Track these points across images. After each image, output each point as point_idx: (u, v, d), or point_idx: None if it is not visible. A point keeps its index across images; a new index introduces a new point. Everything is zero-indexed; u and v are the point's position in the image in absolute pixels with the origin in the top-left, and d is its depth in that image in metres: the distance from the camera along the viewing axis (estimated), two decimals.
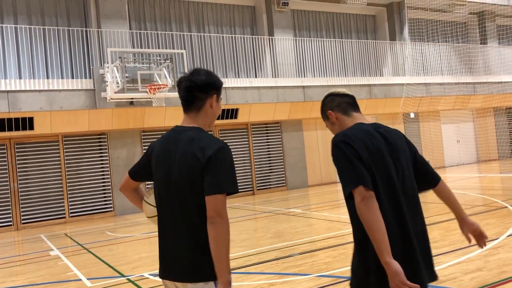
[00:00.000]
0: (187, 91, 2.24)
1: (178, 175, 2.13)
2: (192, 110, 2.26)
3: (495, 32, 21.64)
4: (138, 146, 13.78)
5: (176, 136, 2.22)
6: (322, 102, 2.52)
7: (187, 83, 2.23)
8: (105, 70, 12.24)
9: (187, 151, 2.12)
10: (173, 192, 2.15)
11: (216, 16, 16.01)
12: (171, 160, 2.18)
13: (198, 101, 2.24)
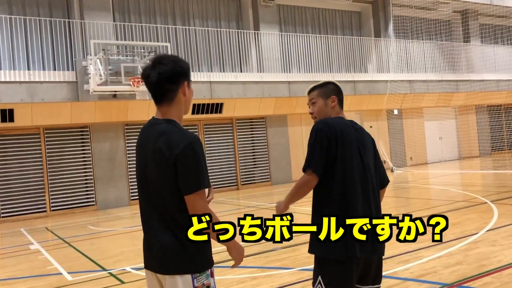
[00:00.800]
0: (156, 85, 2.15)
1: (152, 172, 2.13)
2: (164, 102, 2.19)
3: (478, 30, 21.93)
4: (121, 140, 13.63)
5: (150, 129, 2.20)
6: (330, 83, 2.83)
7: (154, 77, 2.14)
8: (88, 62, 12.07)
9: (156, 147, 2.10)
10: (151, 187, 2.15)
11: (201, 9, 15.89)
12: (146, 155, 2.17)
13: (169, 93, 2.18)
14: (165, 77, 2.14)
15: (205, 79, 14.06)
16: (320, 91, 2.79)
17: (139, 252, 6.81)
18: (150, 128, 2.20)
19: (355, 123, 2.72)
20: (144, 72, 2.19)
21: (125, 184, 13.62)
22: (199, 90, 13.90)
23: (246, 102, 14.88)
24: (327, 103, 2.75)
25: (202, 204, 2.06)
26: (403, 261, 5.11)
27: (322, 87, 2.78)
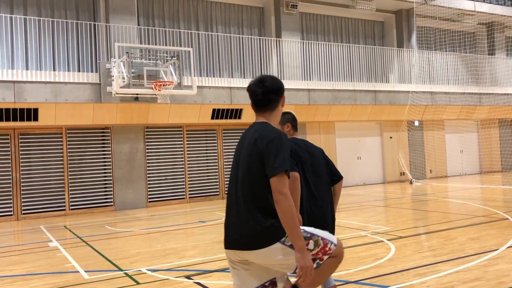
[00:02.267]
0: (263, 96, 2.70)
1: (244, 159, 2.59)
2: (266, 111, 2.74)
3: (504, 43, 21.58)
4: (141, 142, 13.80)
5: (249, 129, 2.73)
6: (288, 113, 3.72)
7: (263, 88, 2.69)
8: (111, 64, 12.27)
9: (251, 139, 2.59)
10: (241, 174, 2.58)
11: (224, 15, 16.03)
12: (242, 147, 2.68)
13: (273, 103, 2.73)
14: (271, 89, 2.69)
15: (225, 85, 14.15)
16: (280, 119, 3.25)
17: (154, 254, 6.90)
18: (249, 129, 2.72)
19: (306, 142, 3.58)
20: (250, 87, 2.74)
21: (143, 186, 13.77)
22: (219, 95, 14.00)
23: None
24: (283, 128, 3.68)
25: (281, 187, 2.40)
26: (419, 274, 5.04)
27: (282, 116, 3.22)
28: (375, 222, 8.86)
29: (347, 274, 5.21)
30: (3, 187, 12.24)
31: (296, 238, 2.39)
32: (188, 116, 13.89)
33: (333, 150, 17.09)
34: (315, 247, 2.62)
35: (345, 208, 11.66)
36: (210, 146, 15.04)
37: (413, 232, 7.70)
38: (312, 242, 2.61)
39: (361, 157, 17.91)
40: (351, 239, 7.32)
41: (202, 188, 14.84)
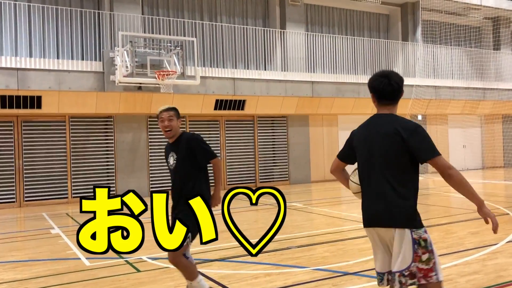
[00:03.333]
0: (393, 91, 2.89)
1: (381, 149, 2.79)
2: (391, 104, 2.91)
3: (509, 38, 21.43)
4: (144, 131, 13.82)
5: (376, 121, 2.90)
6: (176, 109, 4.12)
7: (395, 85, 2.88)
8: (115, 53, 12.27)
9: (389, 130, 2.78)
10: (376, 161, 2.82)
11: (228, 6, 15.96)
12: (373, 139, 2.85)
13: (397, 98, 2.92)
14: (400, 86, 2.89)
15: (229, 76, 14.13)
16: (176, 113, 4.04)
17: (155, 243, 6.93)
18: (377, 120, 2.90)
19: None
20: (376, 82, 2.91)
21: (145, 175, 13.81)
22: (222, 86, 13.98)
23: (268, 100, 14.90)
24: (179, 123, 4.12)
25: (446, 163, 2.70)
26: None
27: (177, 110, 4.04)
28: None
29: (346, 265, 5.24)
30: (6, 174, 12.30)
31: (474, 198, 2.71)
32: (191, 106, 13.89)
33: (335, 143, 17.08)
34: (424, 264, 2.68)
35: (346, 200, 11.69)
36: (212, 136, 15.06)
37: None
38: (427, 256, 2.69)
39: None
40: (351, 231, 7.35)
41: None
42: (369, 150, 2.88)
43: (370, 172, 2.86)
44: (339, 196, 12.63)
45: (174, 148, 4.10)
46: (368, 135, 2.90)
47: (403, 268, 2.68)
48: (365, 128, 2.96)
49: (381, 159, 2.80)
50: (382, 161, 2.80)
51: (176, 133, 4.08)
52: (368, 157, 2.87)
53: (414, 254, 2.67)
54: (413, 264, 2.67)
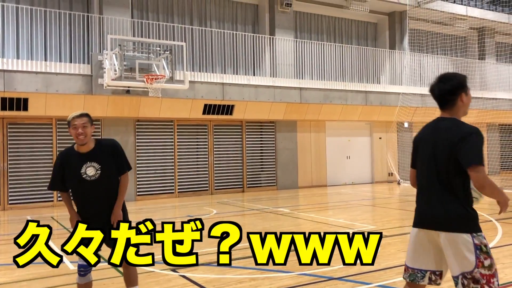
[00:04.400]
0: (440, 96, 2.94)
1: (440, 152, 2.84)
2: (446, 108, 2.94)
3: (494, 48, 21.84)
4: (131, 135, 13.78)
5: (436, 125, 2.95)
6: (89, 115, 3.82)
7: (439, 91, 2.93)
8: (103, 56, 12.24)
9: (446, 136, 2.83)
10: (435, 165, 2.86)
11: (218, 11, 16.03)
12: (433, 142, 2.89)
13: (450, 102, 2.92)
14: (447, 90, 2.90)
15: (217, 80, 14.17)
16: (90, 119, 3.74)
17: None
18: (437, 124, 2.96)
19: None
20: (432, 87, 2.97)
21: (132, 180, 13.75)
22: (211, 90, 14.01)
23: (257, 106, 14.96)
24: (92, 129, 3.76)
25: (482, 177, 2.68)
26: (402, 272, 5.12)
27: (90, 117, 3.76)
28: (361, 221, 8.96)
29: (331, 270, 5.29)
30: None
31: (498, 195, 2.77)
32: (180, 110, 13.89)
33: (323, 149, 17.19)
34: (487, 269, 2.72)
35: (333, 206, 11.77)
36: (200, 141, 15.06)
37: (399, 231, 7.81)
38: (489, 262, 2.73)
39: (351, 157, 18.04)
40: None
41: (192, 183, 14.86)
42: (431, 154, 2.91)
43: (431, 176, 2.90)
44: (326, 202, 12.71)
45: (91, 157, 3.73)
46: (430, 139, 2.96)
47: (466, 271, 2.73)
48: (427, 132, 3.03)
49: (443, 164, 2.84)
50: (444, 166, 2.83)
51: (89, 141, 3.73)
52: (430, 161, 2.91)
53: (477, 260, 2.70)
54: (476, 269, 2.70)
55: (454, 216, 2.78)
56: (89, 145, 3.75)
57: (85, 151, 3.75)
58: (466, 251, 2.72)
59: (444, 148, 2.82)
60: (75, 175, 3.72)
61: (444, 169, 2.83)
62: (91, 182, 3.72)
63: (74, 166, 3.72)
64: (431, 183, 2.90)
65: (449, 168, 2.81)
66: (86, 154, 3.74)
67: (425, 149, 2.97)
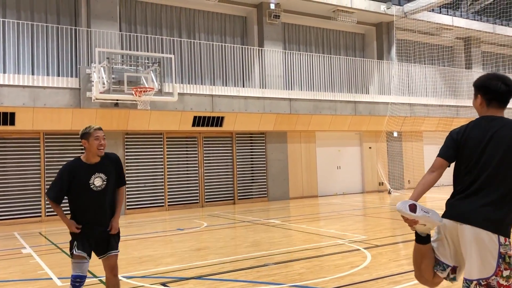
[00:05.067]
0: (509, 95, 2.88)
1: (493, 150, 2.75)
2: (503, 108, 2.89)
3: (480, 57, 22.13)
4: (120, 148, 13.67)
5: (491, 124, 2.82)
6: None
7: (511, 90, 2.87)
8: (92, 69, 12.18)
9: (505, 133, 2.75)
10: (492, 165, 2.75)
11: (207, 24, 16.09)
12: (485, 140, 2.80)
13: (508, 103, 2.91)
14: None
15: (207, 92, 14.16)
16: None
17: (130, 261, 6.82)
18: (490, 122, 2.84)
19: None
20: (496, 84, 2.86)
21: None
22: (200, 102, 13.99)
23: (247, 117, 14.96)
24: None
25: None
26: (394, 282, 5.10)
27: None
28: (352, 231, 8.93)
29: (323, 281, 5.24)
30: None
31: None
32: (169, 123, 13.83)
33: (313, 159, 17.20)
34: (505, 280, 2.63)
35: (324, 216, 11.73)
36: (190, 153, 14.99)
37: (390, 241, 7.78)
38: (508, 273, 2.63)
39: (341, 167, 18.06)
40: (328, 247, 7.36)
41: (182, 196, 14.75)
42: (484, 152, 2.80)
43: (481, 174, 2.79)
44: (317, 212, 12.67)
45: (99, 169, 3.94)
46: (484, 137, 2.82)
47: (482, 277, 2.63)
48: (478, 130, 2.87)
49: (498, 163, 2.73)
50: (499, 165, 2.73)
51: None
52: (482, 159, 2.80)
53: (497, 268, 2.62)
54: (493, 277, 2.61)
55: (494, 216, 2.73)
56: (97, 157, 3.96)
57: (93, 162, 3.95)
58: (489, 256, 2.64)
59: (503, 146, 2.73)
60: (83, 185, 3.89)
61: (506, 169, 2.73)
62: (97, 192, 3.91)
63: (83, 176, 3.90)
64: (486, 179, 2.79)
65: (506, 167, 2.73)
66: (94, 165, 3.94)
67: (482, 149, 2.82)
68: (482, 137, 2.82)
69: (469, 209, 2.80)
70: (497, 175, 2.74)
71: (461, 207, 2.87)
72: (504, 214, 2.69)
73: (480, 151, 2.82)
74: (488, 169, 2.77)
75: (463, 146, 2.90)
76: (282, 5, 16.51)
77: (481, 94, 2.93)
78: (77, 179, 3.90)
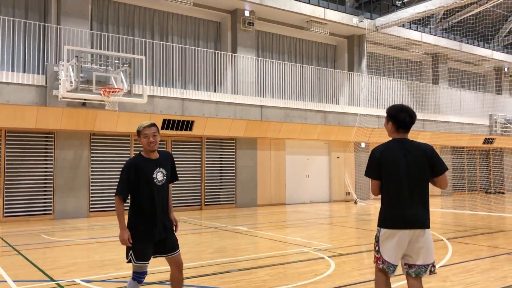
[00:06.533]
0: (412, 123, 3.71)
1: (416, 166, 3.56)
2: (407, 132, 3.73)
3: (447, 73, 22.83)
4: (86, 149, 13.36)
5: (404, 144, 3.66)
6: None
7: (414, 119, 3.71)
8: (59, 67, 11.88)
9: (420, 151, 3.60)
10: (413, 177, 3.56)
11: (180, 27, 15.99)
12: (406, 159, 3.59)
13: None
14: (414, 119, 3.76)
15: (177, 96, 14.03)
16: (157, 129, 4.08)
17: (91, 265, 6.64)
18: (405, 144, 3.67)
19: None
20: (407, 117, 3.68)
21: (85, 195, 13.28)
22: (170, 106, 13.85)
23: (217, 122, 14.89)
24: (159, 138, 4.08)
25: (446, 181, 3.67)
26: None
27: (157, 127, 4.09)
28: (318, 239, 8.98)
29: None
30: None
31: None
32: (137, 125, 13.53)
33: (282, 167, 17.27)
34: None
35: (291, 224, 11.77)
36: None
37: (354, 250, 7.86)
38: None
39: (309, 175, 18.20)
40: (293, 255, 7.37)
41: None
42: (409, 167, 3.57)
43: (413, 187, 3.56)
44: (284, 220, 12.69)
45: (159, 164, 4.04)
46: (403, 154, 3.60)
47: (433, 261, 3.59)
48: (397, 149, 3.63)
49: (419, 175, 3.56)
50: (420, 176, 3.56)
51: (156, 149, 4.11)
52: (409, 174, 3.55)
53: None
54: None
55: (426, 216, 3.58)
56: (156, 153, 4.07)
57: (154, 157, 4.05)
58: (431, 244, 3.59)
59: (423, 162, 3.57)
60: (147, 179, 3.95)
61: (424, 180, 3.58)
62: (159, 186, 4.00)
63: (148, 171, 3.97)
64: (414, 192, 3.56)
65: (426, 178, 3.59)
66: (155, 161, 4.04)
67: (404, 164, 3.58)
68: (399, 155, 3.60)
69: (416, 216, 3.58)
70: (421, 185, 3.59)
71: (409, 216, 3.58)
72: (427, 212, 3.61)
73: (403, 167, 3.58)
74: (416, 181, 3.57)
75: (385, 163, 3.61)
76: (257, 13, 16.60)
77: (392, 121, 3.70)
78: (142, 174, 3.95)
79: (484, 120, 22.39)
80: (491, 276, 5.81)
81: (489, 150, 24.43)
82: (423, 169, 3.56)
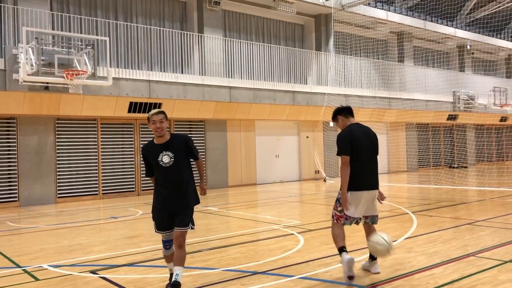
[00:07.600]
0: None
1: (372, 144, 4.88)
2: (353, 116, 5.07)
3: (412, 52, 23.22)
4: (51, 134, 13.03)
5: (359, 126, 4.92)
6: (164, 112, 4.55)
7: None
8: (19, 50, 11.46)
9: (372, 133, 4.95)
10: (370, 152, 4.86)
11: (145, 7, 15.63)
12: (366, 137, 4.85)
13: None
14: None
15: (144, 78, 13.80)
16: (165, 116, 4.48)
17: (59, 250, 6.56)
18: (359, 127, 4.92)
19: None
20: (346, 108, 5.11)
21: (52, 181, 13.01)
22: (137, 88, 13.62)
23: (185, 104, 14.75)
24: (166, 125, 4.50)
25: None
26: (324, 264, 5.27)
27: (165, 114, 4.51)
28: (288, 217, 9.11)
29: (256, 265, 5.31)
30: None
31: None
32: (103, 108, 13.35)
33: (252, 148, 17.32)
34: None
35: (261, 203, 11.88)
36: (126, 140, 14.58)
37: (323, 225, 8.02)
38: None
39: (279, 155, 18.34)
40: (263, 232, 7.47)
41: (117, 184, 14.34)
42: (368, 145, 4.80)
43: (372, 160, 4.82)
44: (255, 200, 12.80)
45: (166, 148, 4.46)
46: (362, 135, 4.79)
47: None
48: (358, 131, 4.80)
49: (374, 151, 4.88)
50: (375, 153, 4.89)
51: (165, 134, 4.47)
52: (369, 150, 4.80)
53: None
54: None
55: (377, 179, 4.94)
56: (165, 137, 4.49)
57: (161, 142, 4.49)
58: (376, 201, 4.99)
59: (376, 141, 4.93)
60: (155, 162, 4.46)
61: (376, 153, 4.91)
62: (166, 168, 4.43)
63: (154, 154, 4.47)
64: (375, 164, 4.87)
65: (377, 153, 4.91)
66: (162, 145, 4.48)
67: (367, 143, 4.80)
68: (362, 135, 4.78)
69: (374, 182, 4.88)
70: (375, 159, 4.88)
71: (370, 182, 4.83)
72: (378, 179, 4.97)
73: (367, 145, 4.79)
74: (374, 156, 4.87)
75: (355, 142, 4.69)
76: None
77: (340, 115, 4.95)
78: (151, 157, 4.50)
79: (447, 97, 22.98)
80: (453, 245, 6.05)
81: (452, 126, 25.16)
82: (376, 146, 4.88)
